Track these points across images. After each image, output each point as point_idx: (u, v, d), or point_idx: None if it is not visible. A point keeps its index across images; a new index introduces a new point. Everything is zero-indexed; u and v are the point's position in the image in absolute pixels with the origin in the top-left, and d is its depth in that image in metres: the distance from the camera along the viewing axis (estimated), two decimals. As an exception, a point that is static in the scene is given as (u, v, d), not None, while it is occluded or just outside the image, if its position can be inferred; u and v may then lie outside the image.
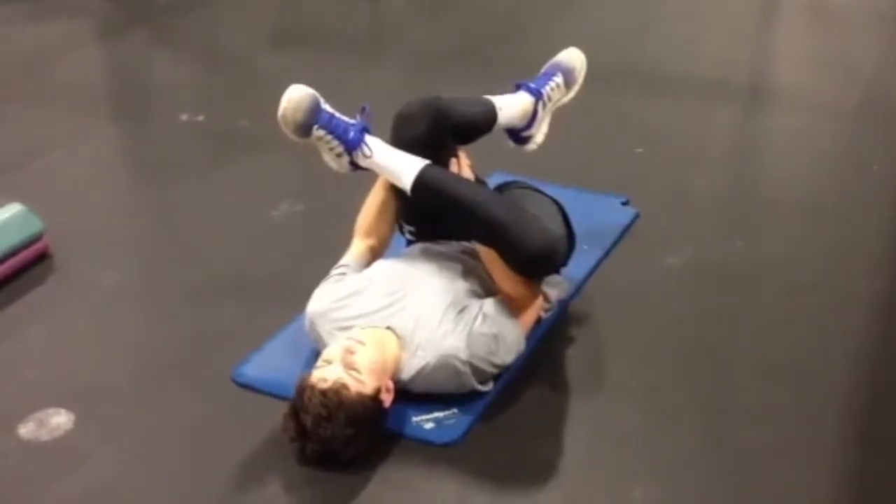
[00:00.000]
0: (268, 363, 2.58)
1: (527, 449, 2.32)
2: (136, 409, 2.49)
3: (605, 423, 2.39)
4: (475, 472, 2.24)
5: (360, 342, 2.30)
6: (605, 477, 2.24)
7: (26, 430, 2.40)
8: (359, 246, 2.69)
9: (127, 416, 2.46)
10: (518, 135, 2.85)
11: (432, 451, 2.29)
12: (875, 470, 2.24)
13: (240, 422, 2.42)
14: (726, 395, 2.48)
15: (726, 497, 2.18)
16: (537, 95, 2.81)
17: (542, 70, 2.90)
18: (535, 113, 2.81)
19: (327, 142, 2.49)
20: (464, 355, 2.34)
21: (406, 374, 2.37)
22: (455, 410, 2.37)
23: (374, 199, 2.70)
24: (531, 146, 2.88)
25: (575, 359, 2.61)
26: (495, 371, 2.41)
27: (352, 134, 2.49)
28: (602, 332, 2.71)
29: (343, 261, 2.64)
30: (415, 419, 2.36)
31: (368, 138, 2.51)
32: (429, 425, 2.34)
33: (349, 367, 2.23)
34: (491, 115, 2.71)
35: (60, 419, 2.42)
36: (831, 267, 2.98)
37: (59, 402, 2.47)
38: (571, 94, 2.92)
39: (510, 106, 2.76)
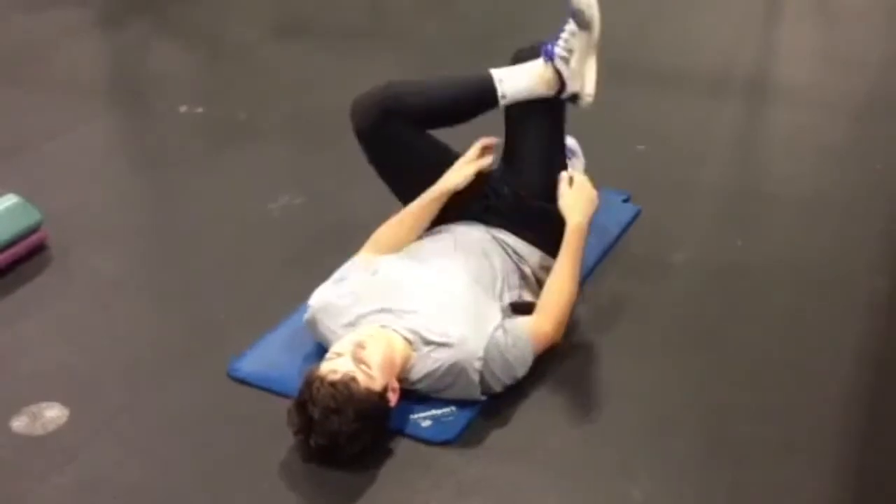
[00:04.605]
0: (264, 358, 2.56)
1: (525, 446, 2.30)
2: (131, 402, 2.47)
3: (605, 422, 2.38)
4: (472, 469, 2.23)
5: (371, 337, 2.28)
6: (604, 475, 2.22)
7: (20, 423, 2.38)
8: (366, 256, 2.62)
9: (122, 410, 2.44)
10: (565, 99, 2.76)
11: (430, 449, 2.28)
12: (875, 469, 2.22)
13: (236, 416, 2.40)
14: (726, 393, 2.46)
15: (725, 496, 2.16)
16: (548, 57, 2.70)
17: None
18: (558, 73, 2.70)
19: None
20: (478, 364, 2.31)
21: (415, 374, 2.34)
22: (453, 408, 2.35)
23: (409, 217, 2.67)
24: (585, 102, 2.76)
25: (574, 356, 2.59)
26: (499, 390, 2.38)
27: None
28: (601, 330, 2.69)
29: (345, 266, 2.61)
30: (412, 416, 2.34)
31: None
32: (426, 423, 2.33)
33: (360, 361, 2.21)
34: (479, 90, 2.67)
35: (54, 413, 2.41)
36: (834, 265, 2.96)
37: (54, 396, 2.46)
38: (595, 32, 2.77)
39: (517, 74, 2.69)
